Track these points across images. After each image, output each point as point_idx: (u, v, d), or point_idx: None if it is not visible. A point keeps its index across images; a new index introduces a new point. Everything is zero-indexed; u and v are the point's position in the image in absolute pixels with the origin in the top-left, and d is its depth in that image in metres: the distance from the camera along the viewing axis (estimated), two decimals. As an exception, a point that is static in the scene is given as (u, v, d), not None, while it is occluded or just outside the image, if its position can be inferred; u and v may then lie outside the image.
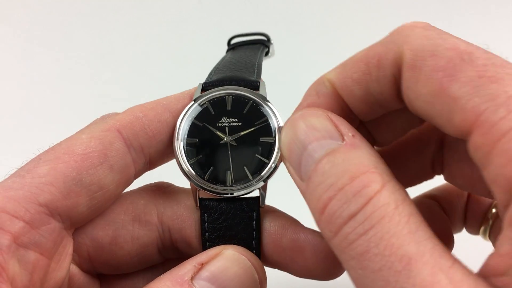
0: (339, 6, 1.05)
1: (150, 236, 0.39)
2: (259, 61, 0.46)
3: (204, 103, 0.39)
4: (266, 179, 0.37)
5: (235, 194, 0.38)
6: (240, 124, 0.38)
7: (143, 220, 0.39)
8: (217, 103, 0.39)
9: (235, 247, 0.36)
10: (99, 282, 0.41)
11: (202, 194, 0.38)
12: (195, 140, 0.38)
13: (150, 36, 1.05)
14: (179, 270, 0.34)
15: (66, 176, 0.34)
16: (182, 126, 0.38)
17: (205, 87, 0.40)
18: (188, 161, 0.38)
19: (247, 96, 0.39)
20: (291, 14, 1.06)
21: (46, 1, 1.06)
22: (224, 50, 0.54)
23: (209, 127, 0.38)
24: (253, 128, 0.38)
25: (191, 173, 0.38)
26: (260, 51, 0.50)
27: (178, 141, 0.38)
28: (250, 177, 0.37)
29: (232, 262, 0.35)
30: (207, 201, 0.38)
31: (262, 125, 0.38)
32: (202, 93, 0.39)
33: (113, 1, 1.07)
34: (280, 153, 0.35)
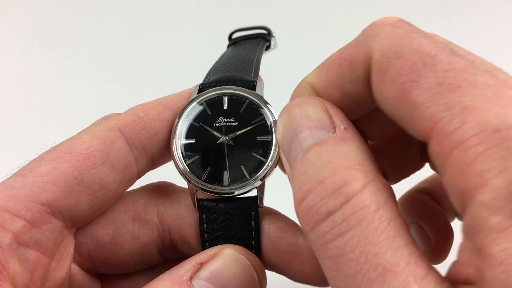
0: (339, 6, 1.06)
1: (150, 236, 0.39)
2: (258, 58, 0.45)
3: (201, 104, 0.39)
4: (264, 178, 0.37)
5: (233, 194, 0.37)
6: (237, 124, 0.38)
7: (143, 220, 0.39)
8: (214, 103, 0.39)
9: (234, 247, 0.36)
10: (100, 282, 0.41)
11: (200, 195, 0.38)
12: (192, 141, 0.38)
13: (150, 36, 1.05)
14: (178, 270, 0.34)
15: (68, 175, 0.34)
16: (179, 127, 0.38)
17: (202, 88, 0.40)
18: (185, 162, 0.38)
19: (244, 96, 0.39)
20: (291, 14, 1.06)
21: (46, 1, 1.06)
22: (221, 50, 0.53)
23: (206, 127, 0.38)
24: (250, 127, 0.38)
25: (189, 174, 0.38)
26: (260, 47, 0.50)
27: (175, 142, 0.38)
28: (248, 177, 0.37)
29: (231, 262, 0.35)
30: (205, 202, 0.38)
31: (259, 124, 0.38)
32: (199, 94, 0.39)
33: (113, 1, 1.07)
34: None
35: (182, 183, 0.41)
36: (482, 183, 0.23)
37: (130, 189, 0.40)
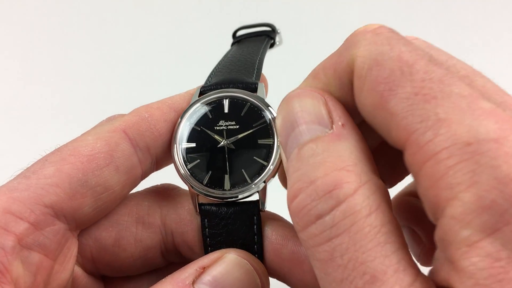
0: (339, 6, 1.06)
1: (153, 239, 0.39)
2: (261, 59, 0.45)
3: (202, 107, 0.38)
4: (265, 182, 0.37)
5: (234, 198, 0.37)
6: (238, 127, 0.38)
7: (147, 222, 0.39)
8: (214, 107, 0.38)
9: (237, 251, 0.36)
10: (103, 284, 0.41)
11: (202, 199, 0.38)
12: (193, 145, 0.38)
13: (150, 36, 1.06)
14: (181, 274, 0.34)
15: (72, 178, 0.34)
16: (180, 131, 0.38)
17: (203, 91, 0.39)
18: (186, 166, 0.37)
19: (244, 98, 0.38)
20: (291, 14, 1.06)
21: (47, 1, 1.05)
22: (225, 50, 0.53)
23: (207, 131, 0.38)
24: (251, 130, 0.37)
25: (189, 178, 0.37)
26: (264, 45, 0.49)
27: (176, 146, 0.38)
28: (249, 181, 0.37)
29: (234, 266, 0.34)
30: (207, 206, 0.38)
31: (260, 127, 0.37)
32: (200, 97, 0.39)
33: (113, 1, 1.07)
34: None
35: (186, 186, 0.41)
36: (453, 197, 0.23)
37: (134, 191, 0.40)
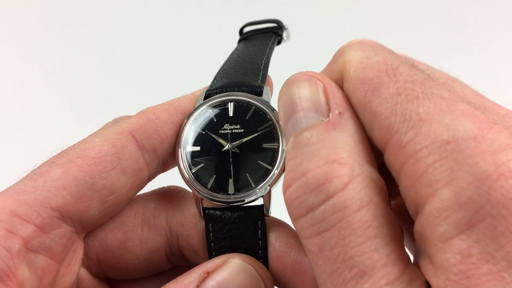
0: (341, 5, 1.06)
1: (159, 241, 0.39)
2: (267, 60, 0.44)
3: (206, 111, 0.38)
4: (270, 187, 0.36)
5: (238, 203, 0.37)
6: (243, 131, 0.37)
7: (152, 224, 0.39)
8: (219, 110, 0.38)
9: (242, 256, 0.36)
10: (109, 287, 0.40)
11: (206, 203, 0.37)
12: (197, 148, 0.37)
13: (150, 36, 1.05)
14: (185, 279, 0.33)
15: (79, 180, 0.34)
16: (184, 134, 0.37)
17: (209, 94, 0.39)
18: (191, 170, 0.37)
19: (250, 102, 0.38)
20: (292, 14, 1.06)
21: (47, 1, 1.05)
22: (230, 48, 0.52)
23: (211, 135, 0.37)
24: (256, 134, 0.37)
25: (194, 182, 0.37)
26: (271, 44, 0.49)
27: (180, 150, 0.37)
28: (253, 185, 0.36)
29: (239, 272, 0.34)
30: (211, 211, 0.37)
31: (265, 131, 0.37)
32: (205, 100, 0.39)
33: (114, 1, 1.06)
34: None
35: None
36: (431, 194, 0.24)
37: (140, 193, 0.40)
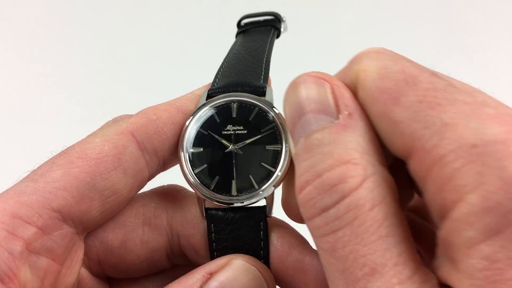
0: (340, 6, 1.06)
1: (160, 241, 0.39)
2: (268, 56, 0.44)
3: (209, 111, 0.38)
4: (273, 188, 0.36)
5: (241, 204, 0.37)
6: (246, 132, 0.37)
7: (153, 224, 0.39)
8: (222, 111, 0.38)
9: (245, 257, 0.36)
10: (109, 286, 0.41)
11: (208, 204, 0.37)
12: (200, 149, 0.37)
13: (150, 36, 1.05)
14: (188, 280, 0.33)
15: (80, 181, 0.34)
16: (187, 135, 0.37)
17: (211, 94, 0.39)
18: (193, 171, 0.37)
19: (253, 103, 0.38)
20: (292, 14, 1.06)
21: (47, 1, 1.05)
22: (225, 49, 0.52)
23: (214, 136, 0.37)
24: (259, 136, 0.37)
25: (196, 183, 0.37)
26: (270, 39, 0.48)
27: (183, 151, 0.37)
28: (256, 186, 0.36)
29: (242, 272, 0.34)
30: (214, 211, 0.37)
31: (268, 133, 0.37)
32: (207, 100, 0.38)
33: (114, 1, 1.06)
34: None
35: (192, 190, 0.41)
36: (459, 198, 0.23)
37: (141, 192, 0.39)
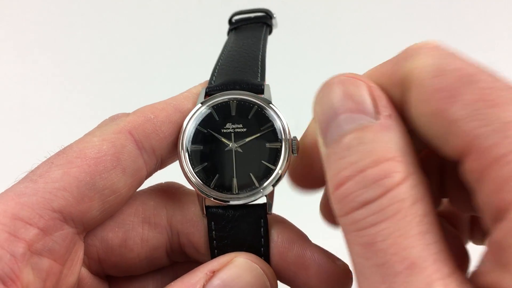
0: (340, 6, 1.05)
1: (159, 239, 0.39)
2: (263, 54, 0.44)
3: (208, 109, 0.38)
4: (273, 186, 0.37)
5: (242, 202, 0.37)
6: (246, 130, 0.37)
7: (153, 222, 0.39)
8: (221, 109, 0.38)
9: (247, 255, 0.36)
10: (108, 284, 0.41)
11: (209, 202, 0.38)
12: (200, 147, 0.37)
13: (150, 36, 1.05)
14: (190, 278, 0.34)
15: (80, 181, 0.33)
16: (187, 133, 0.37)
17: (209, 92, 0.39)
18: (193, 169, 0.37)
19: (252, 101, 0.38)
20: (292, 14, 1.06)
21: (47, 1, 1.05)
22: (220, 40, 0.51)
23: (214, 134, 0.37)
24: (259, 134, 0.37)
25: (197, 181, 0.37)
26: (263, 36, 0.48)
27: (183, 149, 0.37)
28: (257, 184, 0.37)
29: (244, 270, 0.35)
30: (214, 209, 0.37)
31: (268, 131, 0.37)
32: (206, 99, 0.38)
33: (114, 2, 1.06)
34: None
35: (192, 187, 0.41)
36: None
37: (139, 189, 0.39)
